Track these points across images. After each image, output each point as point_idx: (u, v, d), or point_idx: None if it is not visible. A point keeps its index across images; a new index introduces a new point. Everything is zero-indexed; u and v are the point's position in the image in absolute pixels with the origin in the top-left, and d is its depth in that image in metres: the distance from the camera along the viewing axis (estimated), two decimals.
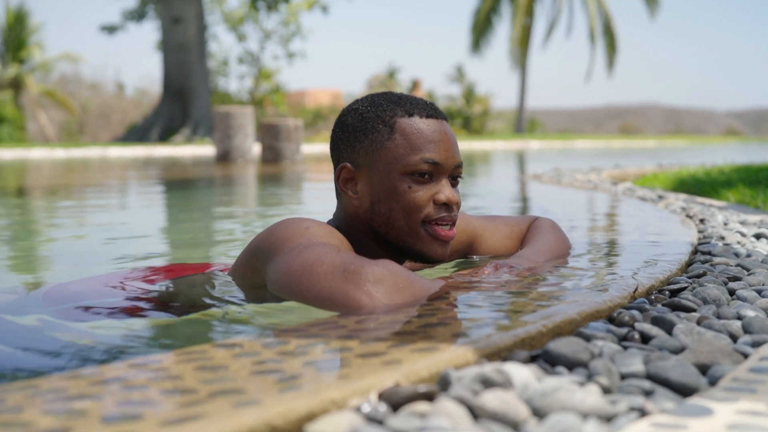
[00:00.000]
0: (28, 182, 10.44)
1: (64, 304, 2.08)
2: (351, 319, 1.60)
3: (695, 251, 2.69)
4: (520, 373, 1.26)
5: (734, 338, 1.66)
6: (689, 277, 2.23)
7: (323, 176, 9.92)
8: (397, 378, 1.21)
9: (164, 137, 29.66)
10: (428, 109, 2.10)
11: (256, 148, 15.76)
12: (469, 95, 49.08)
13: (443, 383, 1.24)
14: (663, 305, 1.89)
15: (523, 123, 45.20)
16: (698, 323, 1.73)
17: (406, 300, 1.74)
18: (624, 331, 1.61)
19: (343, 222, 2.16)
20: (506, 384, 1.21)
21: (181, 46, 29.76)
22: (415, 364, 1.27)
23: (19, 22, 39.99)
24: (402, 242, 2.07)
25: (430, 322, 1.56)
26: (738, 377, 1.33)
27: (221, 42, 57.95)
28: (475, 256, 2.49)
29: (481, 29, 44.65)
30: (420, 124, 2.06)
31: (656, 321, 1.69)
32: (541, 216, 2.60)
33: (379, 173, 2.06)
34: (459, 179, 2.13)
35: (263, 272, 1.95)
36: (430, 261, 2.10)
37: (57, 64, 42.15)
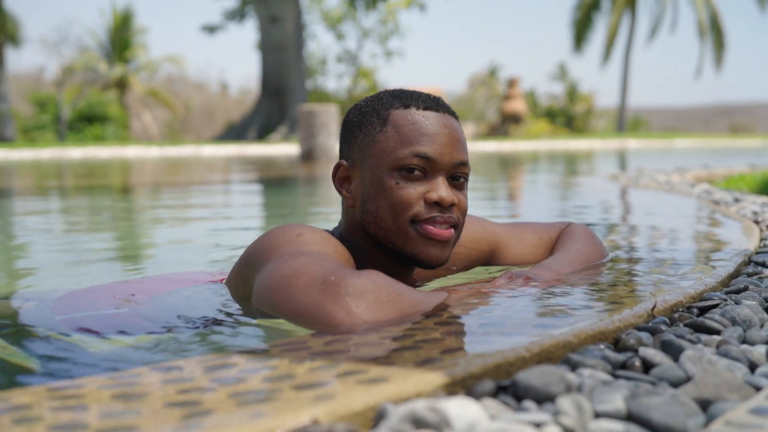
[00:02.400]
0: (99, 180, 10.59)
1: (66, 314, 1.99)
2: (321, 339, 1.46)
3: (748, 262, 2.44)
4: (468, 410, 1.09)
5: (754, 368, 1.44)
6: (727, 292, 2.00)
7: None
8: (319, 414, 1.06)
9: (262, 135, 30.03)
10: (428, 101, 1.92)
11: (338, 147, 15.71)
12: (572, 93, 48.22)
13: (378, 420, 1.09)
14: (685, 325, 1.69)
15: (624, 121, 44.13)
16: (718, 348, 1.52)
17: (391, 316, 1.57)
18: (623, 357, 1.42)
19: (343, 227, 2.01)
20: (441, 424, 1.04)
21: (279, 45, 30.09)
22: (350, 397, 1.11)
23: (124, 23, 41.00)
24: (392, 244, 1.90)
25: (403, 344, 1.41)
26: (732, 420, 1.13)
27: (320, 41, 58.38)
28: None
29: (582, 26, 43.80)
30: (415, 115, 1.89)
31: (665, 346, 1.49)
32: (574, 222, 2.39)
33: (369, 169, 1.90)
34: (464, 180, 1.94)
35: (253, 283, 1.81)
36: (426, 265, 1.92)
37: (162, 65, 43.07)
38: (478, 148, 24.91)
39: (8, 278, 2.94)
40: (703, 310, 1.83)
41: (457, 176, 1.91)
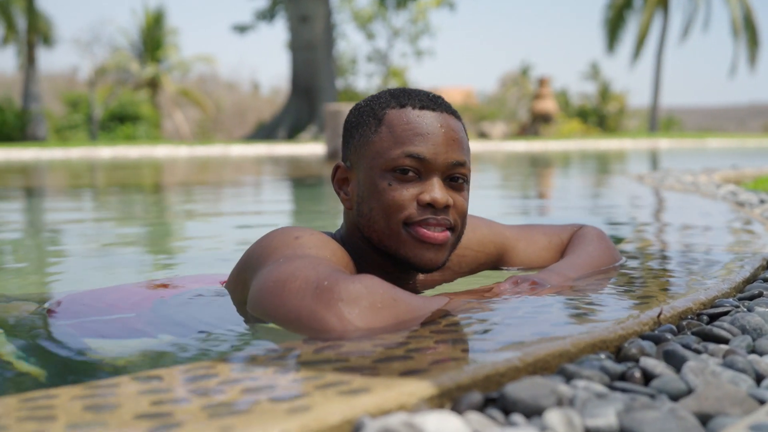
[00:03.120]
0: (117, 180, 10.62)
1: (64, 319, 1.96)
2: (311, 347, 1.41)
3: (766, 266, 2.36)
4: (448, 425, 1.04)
5: (761, 379, 1.38)
6: (740, 299, 1.93)
7: None
8: (291, 428, 1.01)
9: (292, 135, 30.05)
10: (425, 100, 1.86)
11: None
12: (605, 93, 47.77)
13: None
14: (693, 333, 1.62)
15: (656, 121, 43.69)
16: (724, 358, 1.46)
17: (386, 323, 1.52)
18: (623, 368, 1.36)
19: (344, 230, 1.97)
20: None
21: (309, 44, 30.09)
22: (327, 410, 1.07)
23: (156, 23, 41.18)
24: (385, 246, 1.85)
25: (394, 353, 1.36)
26: None
27: (350, 40, 58.46)
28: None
29: (614, 25, 43.42)
30: (410, 115, 1.83)
31: (667, 356, 1.43)
32: (586, 224, 2.32)
33: (364, 170, 1.86)
34: (463, 181, 1.87)
35: (250, 286, 1.77)
36: (421, 269, 1.86)
37: (194, 64, 43.20)
38: (507, 148, 24.79)
39: (21, 276, 2.92)
40: (714, 317, 1.76)
41: (456, 177, 1.85)
